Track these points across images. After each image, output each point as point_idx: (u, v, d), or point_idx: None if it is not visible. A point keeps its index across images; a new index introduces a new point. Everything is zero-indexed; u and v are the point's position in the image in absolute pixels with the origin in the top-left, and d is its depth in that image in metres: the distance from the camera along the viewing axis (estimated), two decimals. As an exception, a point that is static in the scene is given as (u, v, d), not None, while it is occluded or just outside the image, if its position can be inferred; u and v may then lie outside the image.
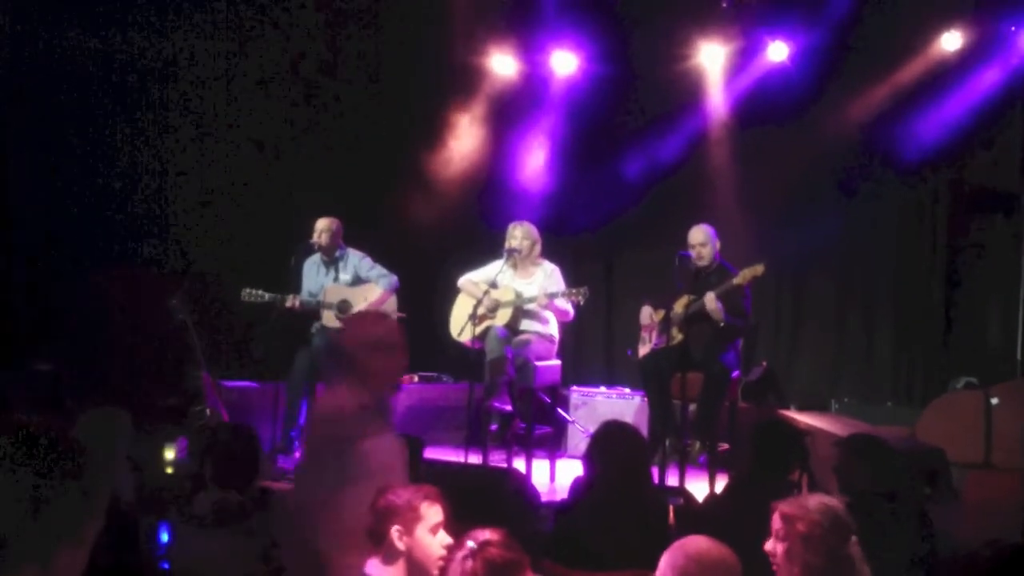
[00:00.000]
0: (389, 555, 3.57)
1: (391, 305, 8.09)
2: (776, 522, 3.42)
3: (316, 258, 8.17)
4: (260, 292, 8.01)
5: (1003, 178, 8.71)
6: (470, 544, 3.22)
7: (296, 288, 8.10)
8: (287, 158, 9.70)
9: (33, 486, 1.65)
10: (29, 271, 9.01)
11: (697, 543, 3.24)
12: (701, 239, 7.58)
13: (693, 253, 7.57)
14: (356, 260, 8.14)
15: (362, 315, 4.33)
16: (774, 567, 3.42)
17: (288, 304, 7.94)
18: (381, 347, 4.17)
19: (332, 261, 8.13)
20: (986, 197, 8.80)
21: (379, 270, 8.12)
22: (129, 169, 9.36)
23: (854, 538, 3.35)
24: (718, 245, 7.65)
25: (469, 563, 3.18)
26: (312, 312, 8.06)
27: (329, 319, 7.98)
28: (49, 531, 1.66)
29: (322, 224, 8.04)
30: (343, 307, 7.97)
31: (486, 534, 3.25)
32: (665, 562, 3.19)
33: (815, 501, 3.42)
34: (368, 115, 9.94)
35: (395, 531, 3.55)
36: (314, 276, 8.18)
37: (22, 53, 8.95)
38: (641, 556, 4.01)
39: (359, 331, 4.30)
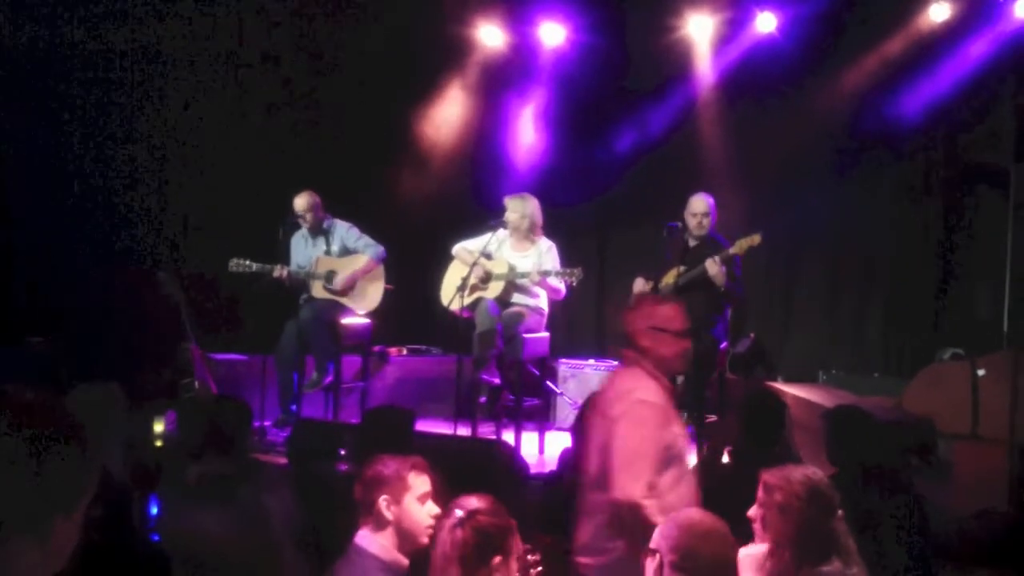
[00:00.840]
0: (378, 524, 3.58)
1: (379, 275, 8.09)
2: (759, 490, 3.44)
3: (304, 231, 8.16)
4: (248, 263, 8.00)
5: (993, 151, 8.71)
6: (458, 512, 3.23)
7: (285, 261, 8.09)
8: (276, 131, 9.66)
9: (30, 459, 1.65)
10: (24, 249, 8.98)
11: (689, 514, 3.26)
12: (704, 209, 7.64)
13: (694, 222, 7.62)
14: (343, 231, 8.12)
15: (642, 298, 4.10)
16: (754, 533, 3.46)
17: (276, 274, 7.94)
18: (662, 331, 4.12)
19: (319, 233, 8.12)
20: (976, 170, 8.81)
21: (366, 240, 8.11)
22: (119, 146, 9.33)
23: (840, 512, 3.37)
24: (715, 217, 7.68)
25: (459, 532, 3.19)
26: (300, 284, 8.06)
27: (317, 290, 7.98)
28: (45, 504, 1.67)
29: (302, 204, 7.99)
30: (330, 277, 7.97)
31: (473, 501, 3.26)
32: (659, 534, 3.21)
33: (798, 473, 3.43)
34: (357, 86, 9.90)
35: (383, 500, 3.57)
36: (302, 249, 8.17)
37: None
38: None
39: (641, 315, 4.20)
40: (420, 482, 3.62)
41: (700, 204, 7.66)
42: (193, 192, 9.43)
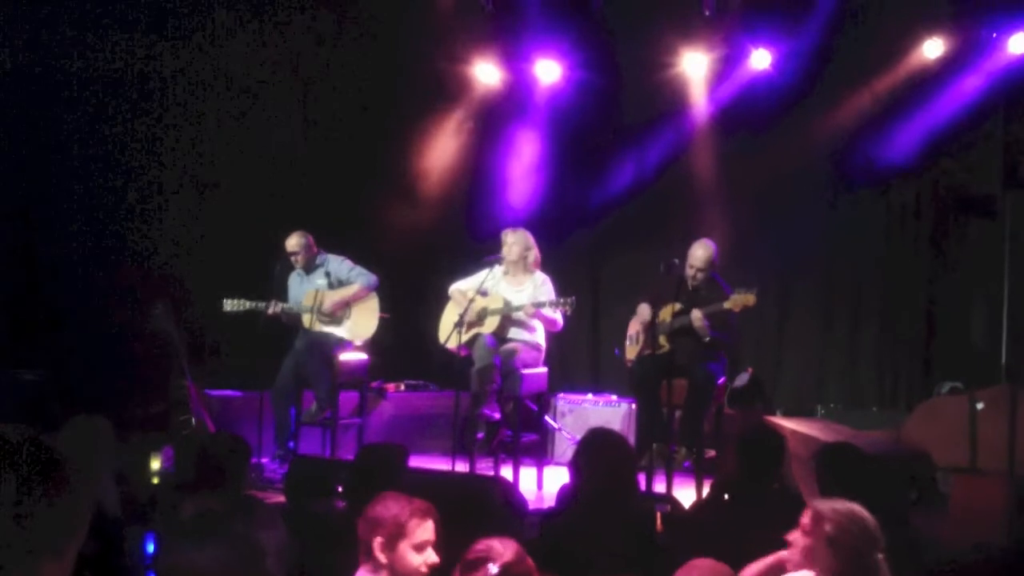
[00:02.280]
0: (374, 566, 3.53)
1: (372, 304, 8.08)
2: (805, 517, 3.43)
3: (298, 269, 8.19)
4: (242, 301, 8.03)
5: (984, 182, 8.75)
6: (492, 569, 3.14)
7: (279, 297, 8.11)
8: (273, 167, 9.68)
9: (15, 498, 1.62)
10: (14, 281, 8.98)
11: (698, 564, 3.24)
12: (701, 264, 7.31)
13: (691, 272, 7.35)
14: (336, 264, 8.15)
15: None
16: (789, 555, 3.44)
17: (270, 311, 7.96)
18: None
19: (313, 269, 8.16)
20: (968, 201, 8.84)
21: (359, 270, 8.14)
22: (114, 180, 9.33)
23: (880, 556, 3.37)
24: (716, 263, 7.48)
25: None
26: (295, 319, 8.07)
27: (311, 323, 7.99)
28: (32, 544, 1.64)
29: (292, 244, 8.05)
30: (322, 308, 7.97)
31: (498, 548, 3.17)
32: None
33: (847, 507, 3.42)
34: (354, 125, 9.94)
35: (377, 543, 3.51)
36: (297, 286, 8.21)
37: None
38: (628, 563, 4.01)
39: None
40: (420, 530, 3.53)
41: (699, 258, 7.33)
42: (191, 226, 9.44)
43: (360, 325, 8.04)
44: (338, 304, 7.99)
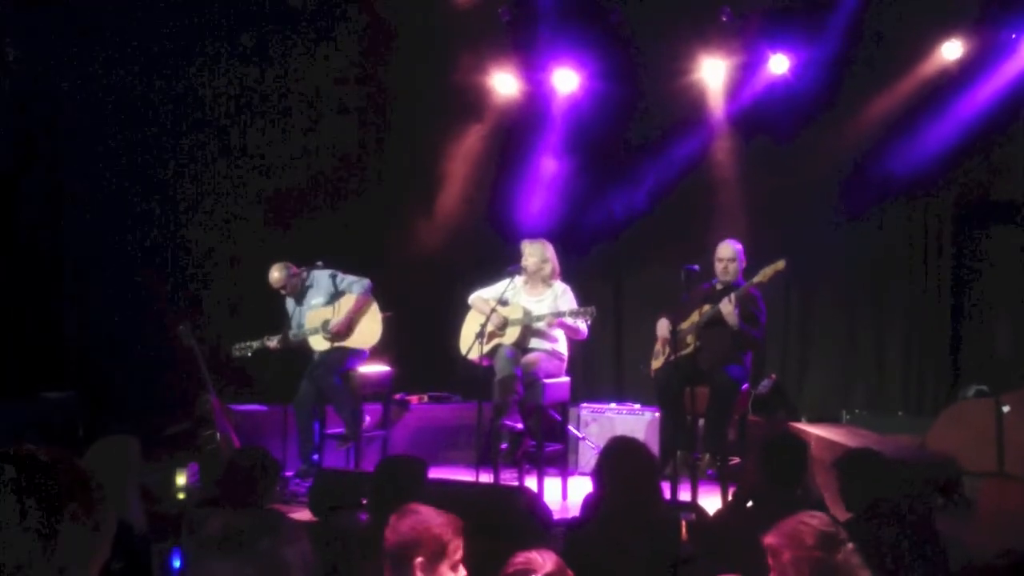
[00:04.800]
0: None
1: (373, 308, 8.07)
2: (768, 557, 3.39)
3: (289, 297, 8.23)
4: (248, 344, 8.06)
5: (1007, 186, 8.71)
6: None
7: (289, 325, 8.12)
8: (294, 183, 9.74)
9: (42, 517, 1.64)
10: (44, 300, 9.04)
11: None
12: (729, 254, 7.63)
13: (719, 267, 7.62)
14: (325, 279, 8.12)
15: None
16: None
17: (271, 346, 7.97)
18: None
19: (304, 292, 8.16)
20: (991, 206, 8.80)
21: (350, 279, 8.09)
22: (141, 207, 9.42)
23: (850, 546, 3.33)
24: (744, 264, 7.65)
25: None
26: (302, 346, 8.06)
27: (319, 343, 7.98)
28: (57, 562, 1.65)
29: (276, 280, 8.04)
30: (326, 327, 7.96)
31: (538, 560, 3.17)
32: None
33: (794, 525, 3.38)
34: (373, 138, 9.99)
35: (418, 563, 3.47)
36: (295, 310, 8.22)
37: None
38: (652, 572, 4.00)
39: None
40: (453, 547, 3.49)
41: (725, 250, 7.66)
42: (219, 245, 9.52)
43: (365, 332, 8.02)
44: (343, 324, 7.97)
